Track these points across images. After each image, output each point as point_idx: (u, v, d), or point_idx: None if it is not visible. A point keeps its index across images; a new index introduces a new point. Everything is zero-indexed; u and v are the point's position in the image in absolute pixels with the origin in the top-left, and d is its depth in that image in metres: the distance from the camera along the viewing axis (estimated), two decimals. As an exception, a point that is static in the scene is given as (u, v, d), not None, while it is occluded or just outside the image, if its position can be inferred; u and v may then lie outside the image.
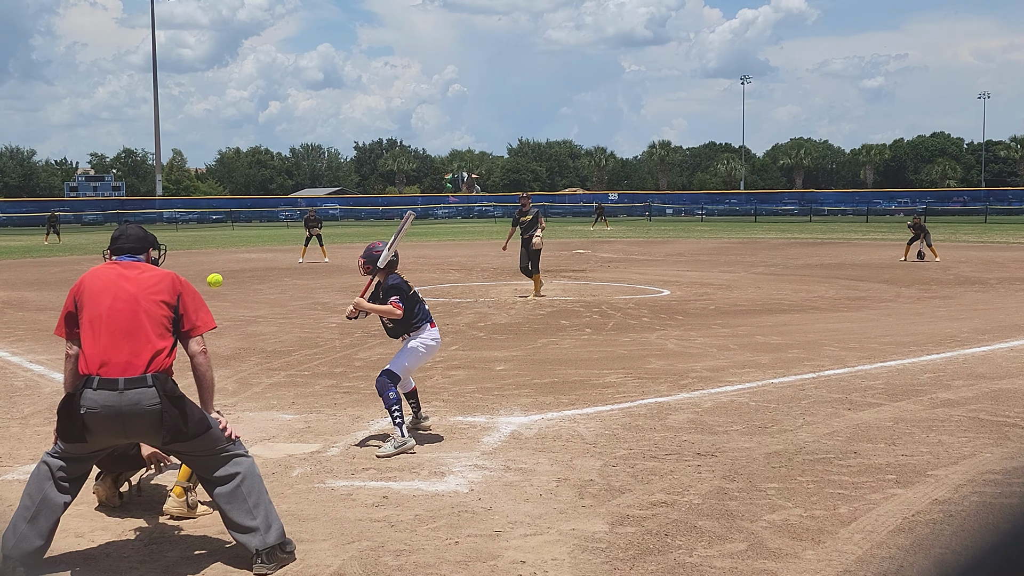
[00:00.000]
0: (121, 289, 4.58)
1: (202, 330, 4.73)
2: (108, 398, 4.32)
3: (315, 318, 14.27)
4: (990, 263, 24.79)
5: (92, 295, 4.57)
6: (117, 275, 4.66)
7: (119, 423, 4.35)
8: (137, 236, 4.92)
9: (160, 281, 4.69)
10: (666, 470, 5.99)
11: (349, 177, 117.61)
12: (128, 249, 4.84)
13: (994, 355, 10.25)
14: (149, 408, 4.34)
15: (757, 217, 70.70)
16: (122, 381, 4.35)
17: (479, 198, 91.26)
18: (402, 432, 6.56)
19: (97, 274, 4.70)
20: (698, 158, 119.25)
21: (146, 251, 4.92)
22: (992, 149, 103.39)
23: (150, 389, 4.36)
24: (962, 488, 5.54)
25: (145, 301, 4.56)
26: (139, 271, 4.72)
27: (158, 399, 4.36)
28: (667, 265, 25.43)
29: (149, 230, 5.11)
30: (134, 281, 4.63)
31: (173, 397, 4.42)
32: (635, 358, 10.27)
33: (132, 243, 4.88)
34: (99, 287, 4.60)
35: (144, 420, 4.35)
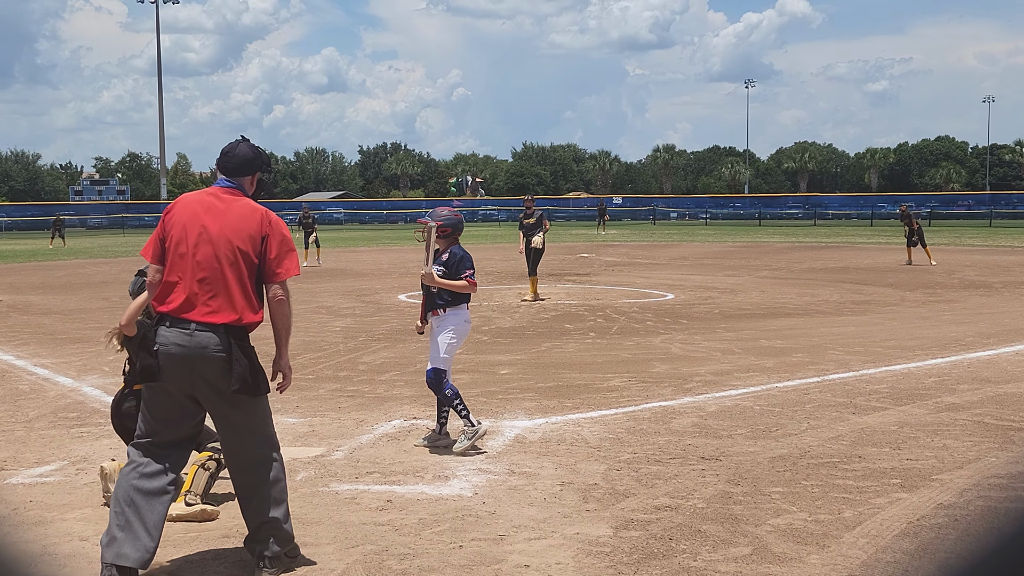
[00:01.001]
0: (205, 228, 4.32)
1: (281, 277, 4.44)
2: (179, 337, 4.23)
3: (319, 322, 14.28)
4: (995, 267, 24.74)
5: (179, 228, 4.35)
6: (206, 208, 4.38)
7: (188, 364, 4.24)
8: (243, 157, 4.55)
9: (246, 221, 4.37)
10: (670, 474, 5.98)
11: (353, 181, 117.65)
12: (231, 170, 4.52)
13: (999, 359, 10.23)
14: (215, 354, 4.25)
15: (761, 221, 70.62)
16: (194, 324, 4.24)
17: (483, 202, 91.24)
18: (471, 421, 6.53)
19: (187, 203, 4.45)
20: (702, 162, 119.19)
21: (252, 174, 4.58)
22: (997, 153, 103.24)
23: (222, 336, 4.26)
24: (967, 492, 5.53)
25: (226, 246, 4.30)
26: (228, 204, 4.40)
27: (225, 347, 4.26)
28: (671, 269, 25.41)
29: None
30: (221, 218, 4.35)
31: (243, 347, 4.32)
32: (639, 362, 10.26)
33: (236, 164, 4.53)
34: (185, 220, 4.36)
35: (211, 365, 4.25)
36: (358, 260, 30.99)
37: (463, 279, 6.64)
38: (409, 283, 21.24)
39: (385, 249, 39.28)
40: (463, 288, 6.65)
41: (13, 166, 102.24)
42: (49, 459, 6.53)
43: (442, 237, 6.84)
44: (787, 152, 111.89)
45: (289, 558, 4.52)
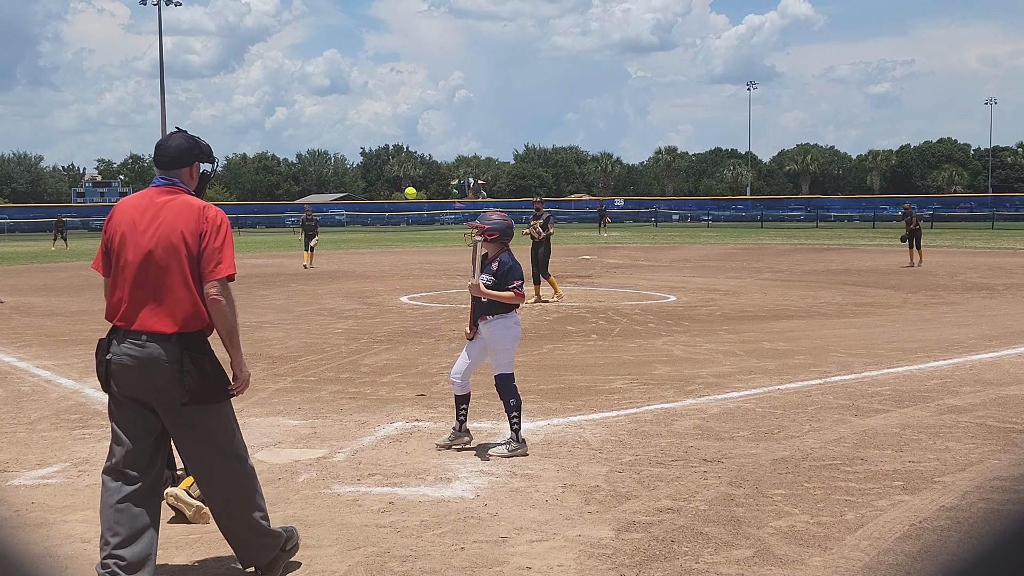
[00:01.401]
0: (141, 234, 4.12)
1: (214, 276, 4.15)
2: (132, 349, 4.08)
3: (321, 324, 14.28)
4: (997, 269, 24.73)
5: (117, 237, 4.18)
6: (140, 212, 4.17)
7: (142, 376, 4.08)
8: (177, 148, 4.27)
9: (182, 219, 4.13)
10: (672, 476, 5.98)
11: (355, 183, 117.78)
12: (166, 163, 4.25)
13: (1001, 361, 10.22)
14: (166, 365, 4.07)
15: (763, 223, 70.62)
16: (144, 335, 4.08)
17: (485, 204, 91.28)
18: (518, 438, 6.55)
19: (123, 209, 4.24)
20: (704, 164, 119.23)
21: (189, 165, 4.30)
22: (999, 155, 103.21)
23: (172, 346, 4.08)
24: (969, 495, 5.53)
25: (164, 250, 4.09)
26: (162, 205, 4.16)
27: (175, 357, 4.08)
28: (673, 271, 25.41)
29: None
30: (155, 221, 4.13)
31: (195, 356, 4.12)
32: (641, 364, 10.26)
33: (170, 155, 4.26)
34: (123, 228, 4.17)
35: (164, 376, 4.08)
36: (360, 262, 31.00)
37: (511, 290, 6.59)
38: (411, 285, 21.25)
39: (387, 251, 39.31)
40: (510, 300, 6.62)
41: (15, 168, 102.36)
42: (51, 461, 6.53)
43: (490, 242, 6.80)
44: (789, 154, 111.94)
45: (284, 551, 4.46)
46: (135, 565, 4.03)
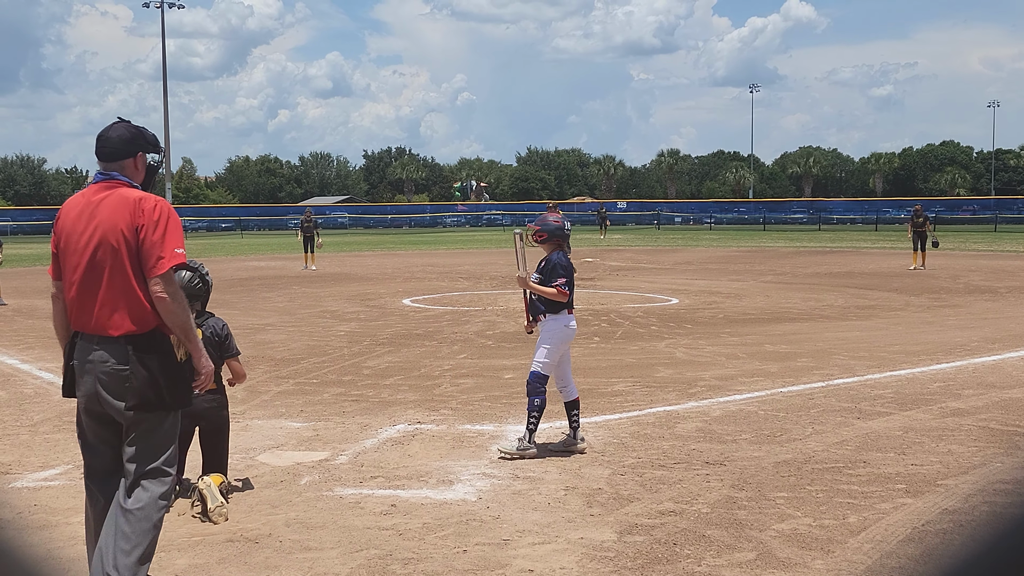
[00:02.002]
0: (81, 234, 3.93)
1: (156, 272, 3.88)
2: (85, 352, 3.94)
3: (324, 326, 14.29)
4: (1000, 272, 24.70)
5: (62, 240, 4.01)
6: (79, 212, 3.97)
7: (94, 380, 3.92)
8: (119, 138, 4.04)
9: (118, 214, 3.90)
10: (675, 479, 5.98)
11: (358, 185, 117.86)
12: (107, 154, 4.02)
13: (1004, 364, 10.21)
14: (115, 369, 3.89)
15: (766, 226, 70.60)
16: (96, 338, 3.91)
17: (488, 206, 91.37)
18: (529, 438, 6.54)
19: (66, 211, 4.04)
20: (707, 166, 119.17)
21: (133, 156, 4.06)
22: (1002, 158, 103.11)
23: (120, 348, 3.89)
24: (972, 498, 5.52)
25: (104, 249, 3.89)
26: (99, 201, 3.95)
27: (122, 359, 3.88)
28: (676, 274, 25.40)
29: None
30: (94, 219, 3.92)
31: (144, 359, 3.89)
32: (644, 367, 10.25)
33: (111, 146, 4.03)
34: (67, 229, 3.99)
35: (112, 380, 3.90)
36: (362, 264, 31.01)
37: (553, 287, 6.63)
38: (413, 288, 21.26)
39: (389, 254, 39.32)
40: (551, 295, 6.64)
41: (19, 171, 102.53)
42: (54, 463, 6.54)
43: (540, 243, 6.91)
44: (792, 157, 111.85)
45: None
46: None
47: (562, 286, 6.60)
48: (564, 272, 6.67)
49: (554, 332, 6.72)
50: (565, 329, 6.76)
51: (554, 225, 6.88)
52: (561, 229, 6.88)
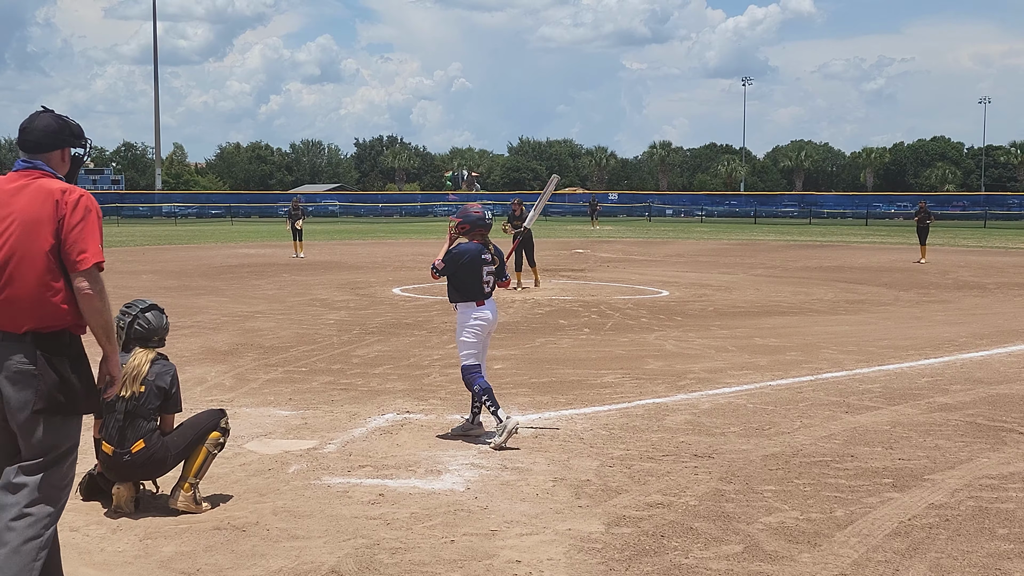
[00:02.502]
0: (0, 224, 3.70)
1: (80, 267, 3.66)
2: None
3: (313, 314, 14.26)
4: (989, 268, 24.80)
5: None
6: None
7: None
8: (44, 130, 3.83)
9: (38, 206, 3.69)
10: (663, 471, 5.98)
11: (349, 174, 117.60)
12: (31, 145, 3.81)
13: (992, 360, 10.25)
14: (20, 368, 3.65)
15: (757, 219, 70.71)
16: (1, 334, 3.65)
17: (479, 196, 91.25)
18: (499, 417, 6.59)
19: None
20: (699, 159, 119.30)
21: (59, 149, 3.86)
22: (992, 154, 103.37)
23: (27, 347, 3.65)
24: (959, 493, 5.55)
25: (18, 240, 3.66)
26: (18, 190, 3.73)
27: (30, 359, 3.65)
28: (666, 266, 25.43)
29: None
30: (10, 208, 3.70)
31: (52, 360, 3.67)
32: (633, 359, 10.26)
33: (36, 137, 3.82)
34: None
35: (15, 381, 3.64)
36: (353, 253, 30.95)
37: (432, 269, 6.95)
38: (403, 276, 21.22)
39: (380, 242, 39.26)
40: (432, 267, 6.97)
41: (7, 154, 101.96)
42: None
43: (462, 234, 7.06)
44: (783, 150, 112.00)
45: None
46: None
47: (433, 267, 6.88)
48: (451, 260, 6.85)
49: (462, 324, 6.93)
50: (473, 320, 6.89)
51: (475, 216, 7.05)
52: (482, 220, 7.04)
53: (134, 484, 5.29)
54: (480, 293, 6.90)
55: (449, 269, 6.87)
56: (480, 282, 6.91)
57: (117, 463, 5.17)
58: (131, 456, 5.15)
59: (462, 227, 7.02)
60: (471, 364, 6.84)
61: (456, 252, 6.89)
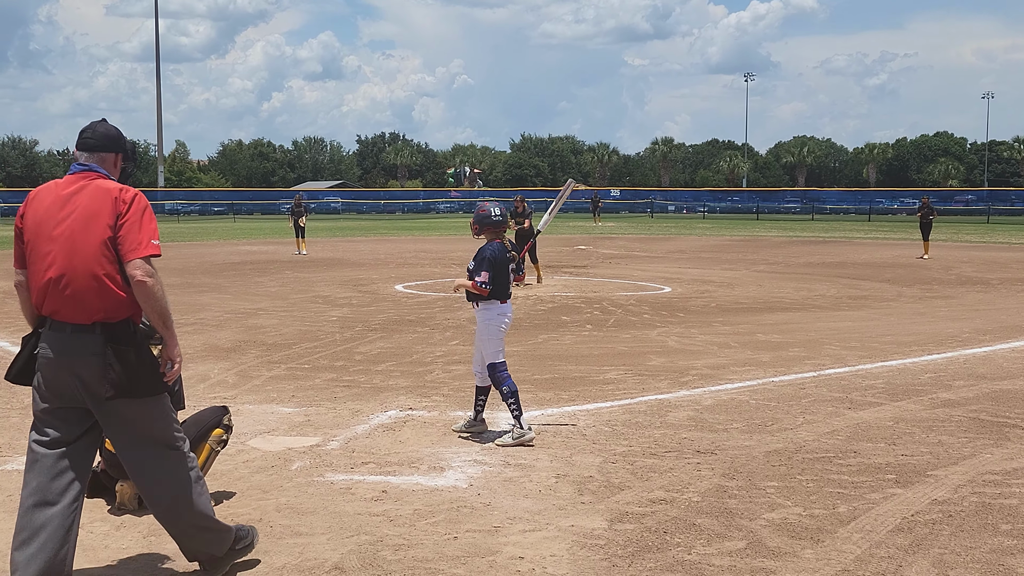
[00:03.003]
0: (58, 222, 3.95)
1: (134, 256, 3.89)
2: (55, 342, 3.95)
3: (316, 311, 14.27)
4: (992, 263, 24.77)
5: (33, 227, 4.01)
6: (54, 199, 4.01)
7: (68, 367, 3.93)
8: (105, 133, 4.15)
9: (99, 204, 3.95)
10: (666, 467, 5.99)
11: (351, 170, 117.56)
12: (92, 145, 4.11)
13: (995, 356, 10.24)
14: (91, 357, 3.91)
15: (759, 215, 70.66)
16: (69, 327, 3.93)
17: (481, 193, 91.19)
18: (520, 424, 6.55)
19: (40, 198, 4.06)
20: (701, 155, 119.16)
21: (113, 153, 4.15)
22: (995, 149, 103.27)
23: (96, 336, 3.91)
24: (962, 488, 5.54)
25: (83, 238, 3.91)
26: (78, 191, 4.00)
27: (101, 348, 3.90)
28: (669, 262, 25.42)
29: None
30: (71, 206, 3.96)
31: (119, 348, 3.92)
32: (636, 355, 10.26)
33: (97, 138, 4.13)
34: (41, 216, 4.00)
35: (89, 368, 3.91)
36: (355, 250, 30.96)
37: (473, 282, 6.73)
38: (406, 273, 21.23)
39: (382, 239, 39.27)
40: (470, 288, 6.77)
41: (10, 152, 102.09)
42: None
43: (478, 235, 7.02)
44: (786, 146, 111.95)
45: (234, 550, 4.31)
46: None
47: (482, 283, 6.66)
48: (490, 267, 6.70)
49: (489, 322, 6.83)
50: (499, 318, 6.83)
51: (481, 215, 6.96)
52: (488, 217, 6.95)
53: None
54: (507, 291, 6.87)
55: (495, 277, 6.74)
56: (508, 281, 6.89)
57: (118, 461, 5.18)
58: None
59: (474, 228, 6.97)
60: (502, 362, 6.77)
61: (491, 257, 6.72)
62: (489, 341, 6.81)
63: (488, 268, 6.69)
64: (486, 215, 6.98)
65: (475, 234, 7.01)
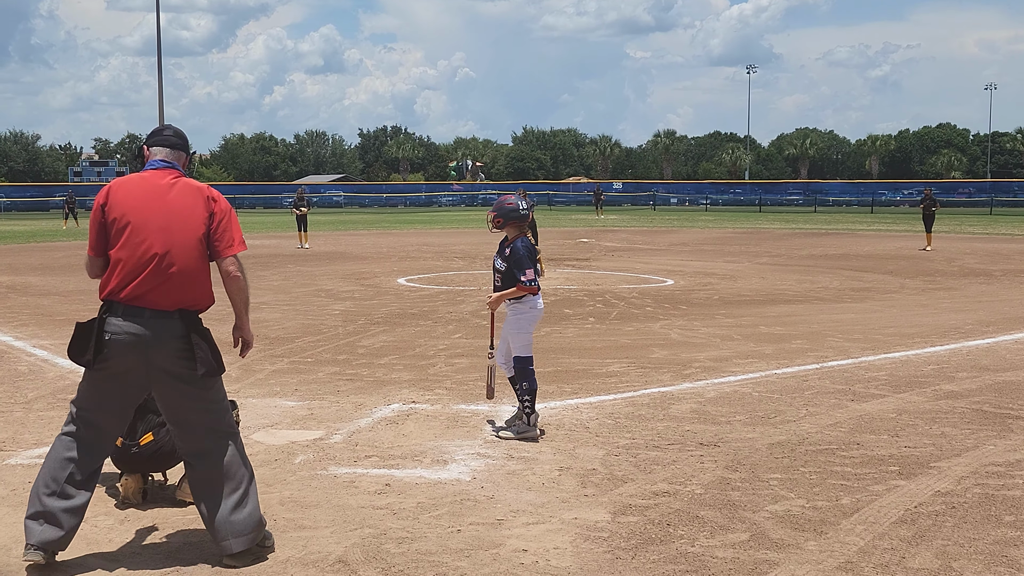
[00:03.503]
0: (153, 213, 4.22)
1: (229, 253, 4.33)
2: (132, 326, 4.17)
3: (318, 305, 14.28)
4: (995, 255, 24.74)
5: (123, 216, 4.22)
6: (147, 191, 4.28)
7: (142, 350, 4.18)
8: (178, 134, 4.51)
9: (191, 200, 4.29)
10: (669, 460, 5.99)
11: (353, 164, 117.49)
12: (173, 143, 4.44)
13: (998, 347, 10.23)
14: (173, 340, 4.22)
15: (762, 207, 70.56)
16: (148, 312, 4.18)
17: (483, 186, 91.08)
18: (528, 421, 6.50)
19: (127, 189, 4.30)
20: (703, 147, 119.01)
21: (185, 153, 4.51)
22: (998, 141, 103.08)
23: (176, 321, 4.24)
24: (965, 480, 5.54)
25: (178, 230, 4.23)
26: (170, 184, 4.31)
27: (184, 332, 4.24)
28: (671, 255, 25.40)
29: None
30: (165, 200, 4.26)
31: (200, 330, 4.31)
32: (638, 347, 10.26)
33: (178, 138, 4.48)
34: (130, 206, 4.24)
35: (170, 351, 4.22)
36: (357, 243, 30.96)
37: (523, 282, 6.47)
38: (408, 267, 21.23)
39: (384, 233, 39.25)
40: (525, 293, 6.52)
41: (12, 147, 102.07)
42: (48, 440, 6.50)
43: (499, 228, 6.72)
44: (788, 138, 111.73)
45: (259, 547, 4.42)
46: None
47: (531, 282, 6.45)
48: (529, 260, 6.50)
49: (521, 315, 6.63)
50: (533, 311, 6.68)
51: (508, 208, 6.66)
52: (516, 211, 6.65)
53: (142, 476, 5.31)
54: (537, 283, 6.66)
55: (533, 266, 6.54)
56: (536, 273, 6.67)
57: (125, 455, 5.18)
58: (139, 448, 5.17)
59: (496, 221, 6.66)
60: (530, 356, 6.65)
61: (527, 254, 6.51)
62: (519, 335, 6.66)
63: (530, 265, 6.48)
64: (513, 208, 6.63)
65: (496, 227, 6.69)
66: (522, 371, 6.63)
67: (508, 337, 6.76)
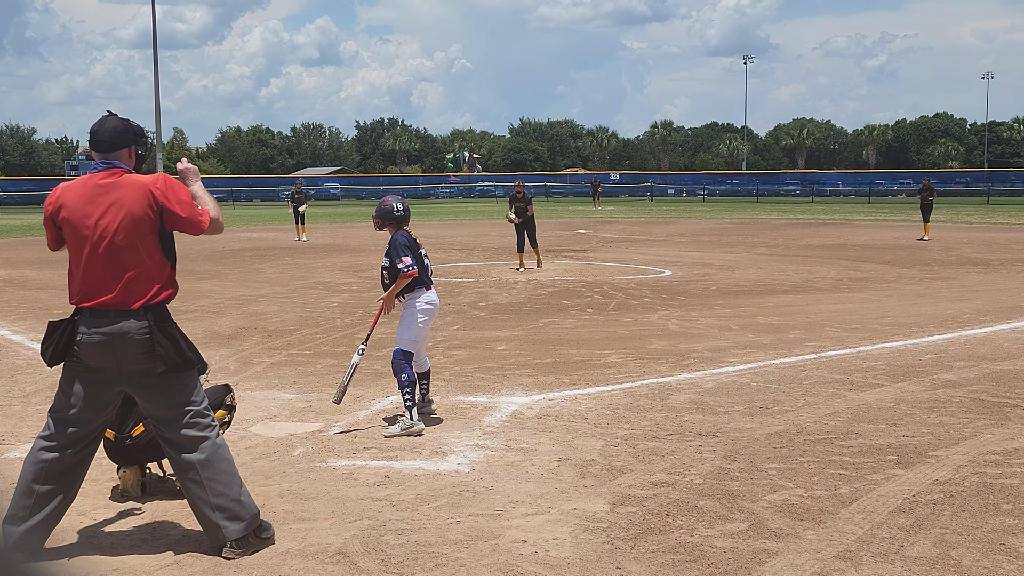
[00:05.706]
0: (95, 216, 4.18)
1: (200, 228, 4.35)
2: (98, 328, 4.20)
3: (316, 297, 14.27)
4: (992, 244, 24.75)
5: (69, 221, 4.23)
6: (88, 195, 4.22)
7: (111, 349, 4.20)
8: (114, 130, 4.33)
9: (136, 194, 4.20)
10: (667, 450, 6.00)
11: (350, 156, 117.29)
12: (106, 145, 4.30)
13: (996, 336, 10.24)
14: (139, 337, 4.20)
15: (759, 197, 70.55)
16: (112, 313, 4.20)
17: (480, 178, 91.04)
18: (411, 415, 6.52)
19: (69, 195, 4.27)
20: (700, 138, 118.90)
21: (128, 147, 4.36)
22: (995, 130, 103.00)
23: (140, 321, 4.21)
24: (963, 469, 5.55)
25: (123, 227, 4.17)
26: (112, 184, 4.22)
27: (147, 328, 4.20)
28: (669, 245, 25.40)
29: None
30: (108, 200, 4.19)
31: (165, 328, 4.24)
32: (636, 338, 10.26)
33: (108, 137, 4.31)
34: (78, 210, 4.21)
35: (135, 348, 4.21)
36: (355, 236, 30.93)
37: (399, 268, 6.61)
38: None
39: (382, 225, 39.17)
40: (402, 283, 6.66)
41: (8, 140, 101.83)
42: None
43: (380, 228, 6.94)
44: (785, 128, 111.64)
45: (259, 539, 4.43)
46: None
47: (408, 266, 6.58)
48: (407, 250, 6.64)
49: (414, 309, 6.75)
50: (425, 306, 6.78)
51: (385, 209, 6.87)
52: (392, 212, 6.84)
53: (140, 468, 5.31)
54: (428, 277, 6.83)
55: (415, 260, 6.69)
56: (426, 267, 6.85)
57: (119, 447, 5.18)
58: (132, 440, 5.16)
59: (376, 222, 6.89)
60: (409, 352, 6.70)
61: (405, 243, 6.66)
62: (407, 327, 6.75)
63: (406, 252, 6.64)
64: (389, 209, 6.86)
65: (377, 228, 6.92)
66: (397, 364, 6.65)
67: (398, 329, 6.82)
